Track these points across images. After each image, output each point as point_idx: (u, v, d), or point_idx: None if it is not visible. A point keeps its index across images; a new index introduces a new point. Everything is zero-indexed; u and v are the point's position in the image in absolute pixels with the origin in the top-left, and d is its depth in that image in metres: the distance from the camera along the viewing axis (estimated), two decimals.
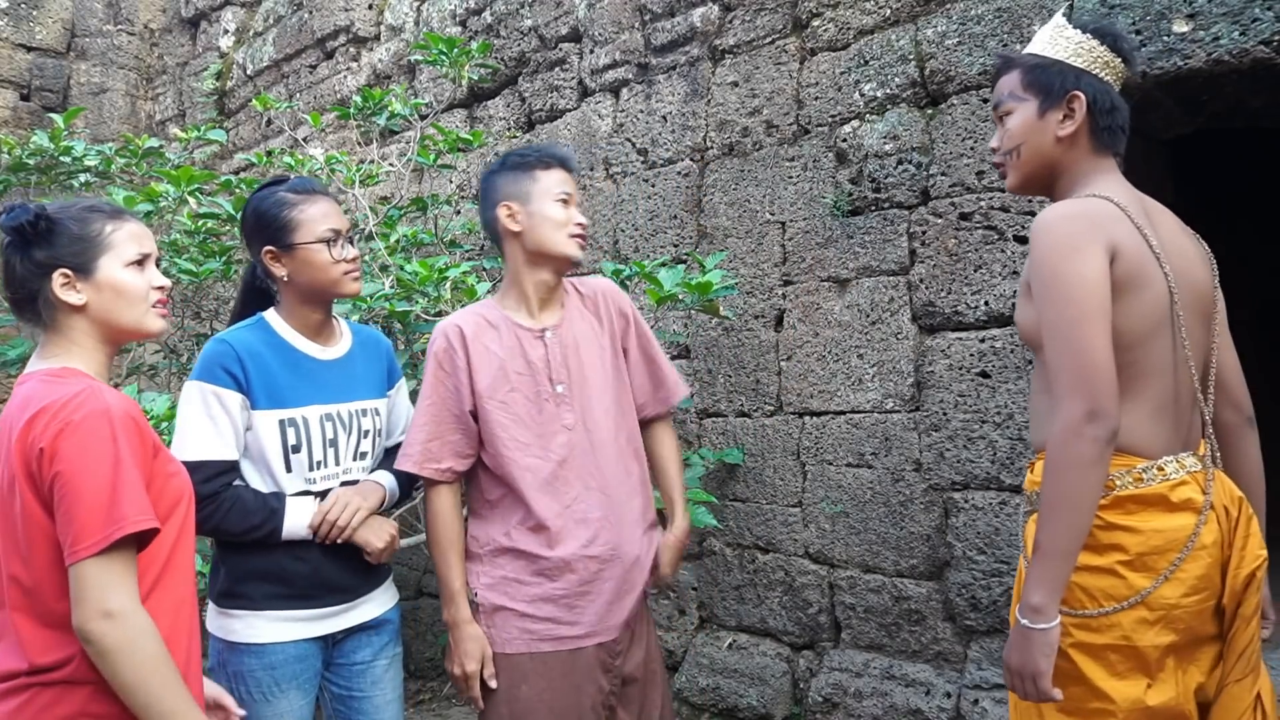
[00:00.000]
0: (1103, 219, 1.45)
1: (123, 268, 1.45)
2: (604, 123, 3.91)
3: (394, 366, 2.06)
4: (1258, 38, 2.35)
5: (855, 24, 3.16)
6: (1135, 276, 1.44)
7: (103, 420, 1.31)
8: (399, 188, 4.28)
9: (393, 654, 1.95)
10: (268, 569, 1.77)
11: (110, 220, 1.46)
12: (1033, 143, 1.58)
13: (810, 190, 3.24)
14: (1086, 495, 1.38)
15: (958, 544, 2.82)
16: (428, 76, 4.69)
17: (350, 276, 1.88)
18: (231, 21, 6.29)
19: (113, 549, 1.28)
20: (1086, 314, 1.39)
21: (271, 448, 1.80)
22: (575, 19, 4.03)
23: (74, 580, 1.28)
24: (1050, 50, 1.58)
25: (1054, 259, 1.43)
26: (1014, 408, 2.73)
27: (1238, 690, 1.48)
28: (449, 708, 3.70)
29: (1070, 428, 1.37)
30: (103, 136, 6.26)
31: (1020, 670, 1.42)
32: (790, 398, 3.25)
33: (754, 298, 3.36)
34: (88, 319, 1.43)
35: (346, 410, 1.88)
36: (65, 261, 1.41)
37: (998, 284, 2.78)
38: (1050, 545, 1.39)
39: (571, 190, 1.93)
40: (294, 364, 1.85)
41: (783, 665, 3.20)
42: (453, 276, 2.89)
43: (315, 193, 1.88)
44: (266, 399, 1.79)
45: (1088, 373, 1.37)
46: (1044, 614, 1.39)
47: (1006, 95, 1.61)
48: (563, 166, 1.94)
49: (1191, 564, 1.43)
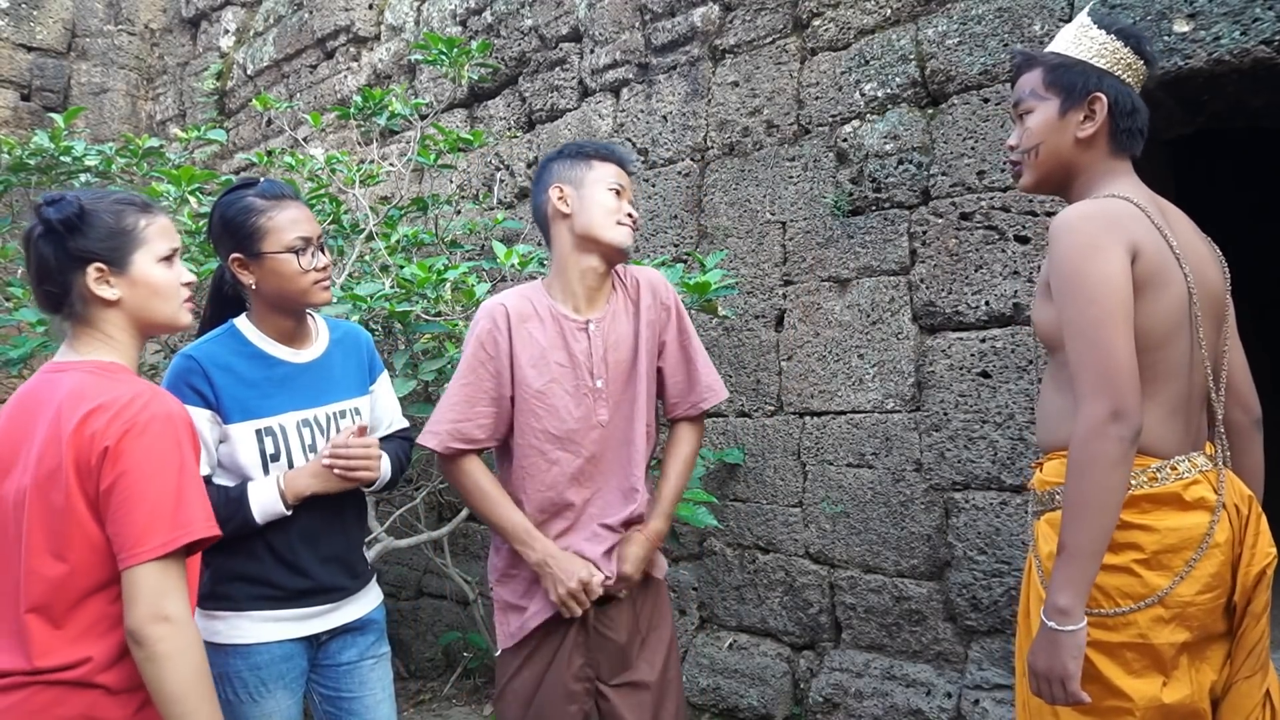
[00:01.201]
0: (1123, 219, 1.45)
1: (155, 263, 1.44)
2: (604, 123, 3.90)
3: (375, 360, 2.02)
4: (1258, 37, 2.35)
5: (856, 24, 3.16)
6: (1156, 276, 1.44)
7: (170, 425, 1.32)
8: (399, 188, 4.28)
9: (379, 654, 1.93)
10: (251, 571, 1.77)
11: (144, 215, 1.45)
12: (1051, 142, 1.57)
13: (811, 190, 3.24)
14: (1112, 495, 1.38)
15: (958, 544, 2.82)
16: (428, 76, 4.69)
17: (320, 286, 1.82)
18: (232, 21, 6.29)
19: (172, 555, 1.29)
20: (1110, 313, 1.38)
21: (249, 458, 1.77)
22: (575, 19, 4.03)
23: (131, 583, 1.28)
24: (1074, 50, 1.57)
25: (1076, 258, 1.42)
26: (1014, 408, 2.73)
27: (1246, 687, 1.48)
28: (449, 708, 3.70)
29: (1094, 428, 1.37)
30: (103, 136, 6.26)
31: (1048, 674, 1.40)
32: (791, 398, 3.25)
33: (754, 298, 3.36)
34: (121, 312, 1.42)
35: (324, 413, 1.85)
36: (100, 255, 1.40)
37: (998, 284, 2.78)
38: (1076, 546, 1.38)
39: (625, 184, 1.91)
40: (267, 371, 1.81)
41: (783, 665, 3.20)
42: (452, 278, 2.89)
43: (285, 198, 1.82)
44: (239, 411, 1.76)
45: (1111, 373, 1.37)
46: (1071, 616, 1.38)
47: (1028, 93, 1.60)
48: (619, 164, 1.93)
49: (1205, 562, 1.43)
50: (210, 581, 1.79)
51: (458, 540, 4.14)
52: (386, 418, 2.01)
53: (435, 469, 3.49)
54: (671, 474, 2.00)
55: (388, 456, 1.92)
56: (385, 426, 2.00)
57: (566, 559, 1.80)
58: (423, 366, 2.91)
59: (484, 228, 4.02)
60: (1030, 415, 2.69)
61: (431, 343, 3.02)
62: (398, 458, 1.99)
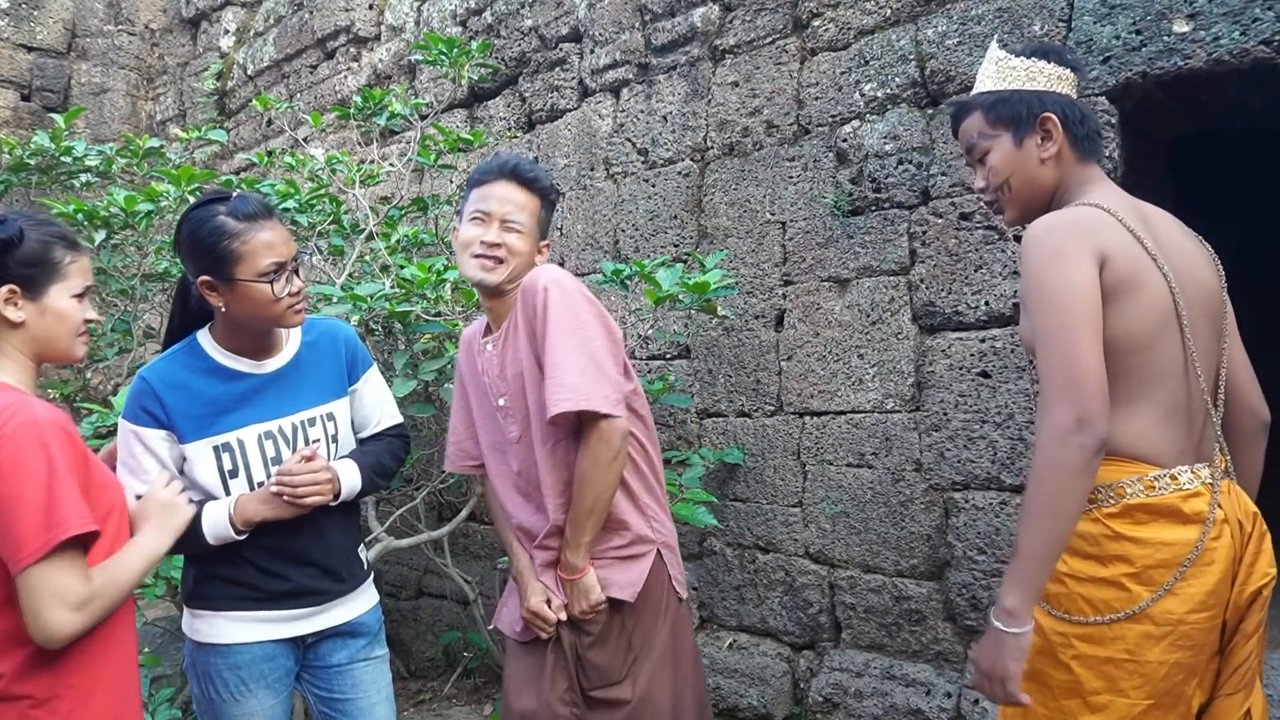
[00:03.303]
0: (1090, 225, 1.45)
1: (68, 298, 1.52)
2: (604, 123, 3.91)
3: (358, 356, 1.92)
4: (1258, 38, 2.35)
5: (855, 24, 3.16)
6: (1128, 279, 1.43)
7: (34, 430, 1.34)
8: (399, 188, 4.28)
9: (372, 656, 1.91)
10: (228, 572, 1.76)
11: (69, 251, 1.53)
12: (1020, 173, 1.59)
13: (810, 190, 3.24)
14: (1070, 503, 1.36)
15: (958, 544, 2.82)
16: (428, 76, 4.69)
17: (292, 310, 1.75)
18: (232, 21, 6.30)
19: (57, 553, 1.31)
20: (1074, 320, 1.38)
21: (207, 477, 1.73)
22: (575, 19, 4.03)
23: (23, 590, 1.30)
24: (1002, 83, 1.60)
25: (1040, 267, 1.43)
26: (1014, 408, 2.73)
27: (1228, 704, 1.47)
28: (449, 707, 3.70)
29: (1057, 435, 1.35)
30: (103, 136, 6.27)
31: (990, 672, 1.41)
32: (790, 398, 3.25)
33: (754, 298, 3.36)
34: (22, 337, 1.48)
35: (289, 423, 1.79)
36: (16, 278, 1.47)
37: (998, 284, 2.78)
38: (1030, 550, 1.38)
39: (492, 206, 1.86)
40: (226, 385, 1.75)
41: (783, 665, 3.20)
42: (452, 278, 2.89)
43: (258, 217, 1.71)
44: (194, 429, 1.72)
45: (1075, 379, 1.36)
46: (1018, 618, 1.38)
47: (976, 137, 1.62)
48: (481, 181, 1.90)
49: (1201, 579, 1.40)
50: (193, 581, 1.80)
51: (458, 540, 4.14)
52: (375, 415, 1.94)
53: (435, 469, 3.49)
54: (573, 496, 1.83)
55: (356, 465, 1.84)
56: (374, 425, 1.94)
57: (529, 582, 1.91)
58: (423, 366, 2.91)
59: None
60: (1030, 415, 2.69)
61: (431, 343, 3.02)
62: (380, 460, 1.91)
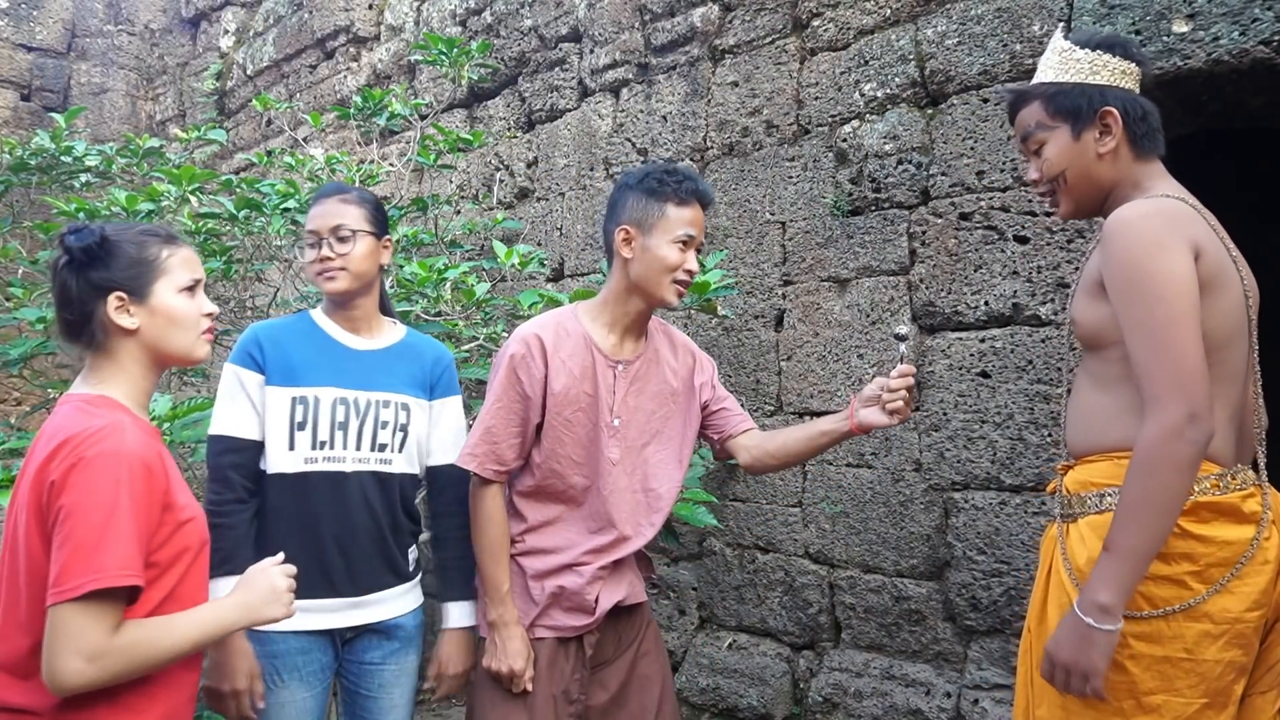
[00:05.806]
0: (1182, 218, 1.43)
1: (175, 293, 1.45)
2: (604, 123, 3.91)
3: (443, 378, 2.02)
4: (1258, 38, 2.35)
5: (855, 24, 3.16)
6: (1219, 277, 1.41)
7: (114, 462, 1.27)
8: (399, 188, 4.28)
9: (402, 662, 1.94)
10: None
11: (166, 245, 1.47)
12: (1077, 166, 1.56)
13: (810, 190, 3.24)
14: (1176, 499, 1.35)
15: (958, 544, 2.82)
16: (428, 76, 4.69)
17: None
18: (231, 21, 6.29)
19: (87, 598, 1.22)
20: (1181, 313, 1.35)
21: (278, 423, 1.83)
22: (575, 19, 4.03)
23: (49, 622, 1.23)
24: (1063, 74, 1.56)
25: (1140, 256, 1.39)
26: (1014, 408, 2.73)
27: (1261, 702, 1.46)
28: (449, 707, 3.70)
29: (1170, 430, 1.33)
30: (103, 136, 6.27)
31: (1072, 665, 1.37)
32: (790, 397, 3.25)
33: (754, 298, 3.36)
34: (138, 343, 1.43)
35: (365, 398, 1.88)
36: (121, 284, 1.41)
37: (998, 284, 2.78)
38: (1129, 546, 1.35)
39: (696, 232, 1.88)
40: (320, 348, 1.90)
41: (783, 665, 3.20)
42: (452, 278, 2.89)
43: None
44: (281, 376, 1.85)
45: (1186, 375, 1.33)
46: (1111, 614, 1.35)
47: (1034, 126, 1.58)
48: (699, 203, 1.89)
49: (1257, 577, 1.39)
50: None
51: None
52: (443, 448, 1.98)
53: None
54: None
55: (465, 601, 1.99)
56: (439, 455, 1.98)
57: (515, 639, 1.83)
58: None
59: (484, 228, 4.03)
60: (1030, 415, 2.69)
61: None
62: (462, 554, 1.96)
